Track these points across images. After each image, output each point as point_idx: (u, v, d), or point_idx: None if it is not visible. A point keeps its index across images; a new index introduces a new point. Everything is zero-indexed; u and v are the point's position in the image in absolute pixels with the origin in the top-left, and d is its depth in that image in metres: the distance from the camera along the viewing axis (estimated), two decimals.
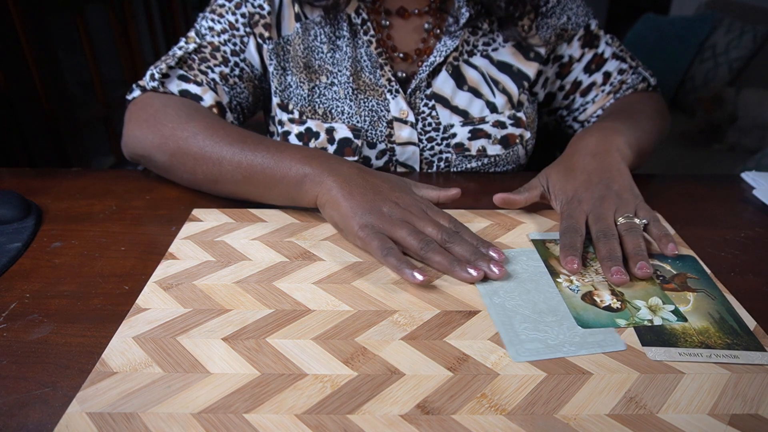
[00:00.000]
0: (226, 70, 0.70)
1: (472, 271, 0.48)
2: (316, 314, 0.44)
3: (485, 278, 0.49)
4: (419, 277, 0.46)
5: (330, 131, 0.71)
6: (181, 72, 0.68)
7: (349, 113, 0.72)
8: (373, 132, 0.72)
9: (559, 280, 0.49)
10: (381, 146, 0.73)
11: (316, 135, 0.71)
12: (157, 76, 0.66)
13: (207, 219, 0.59)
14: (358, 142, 0.71)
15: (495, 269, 0.48)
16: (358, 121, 0.72)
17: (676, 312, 0.45)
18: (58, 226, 0.58)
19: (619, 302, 0.46)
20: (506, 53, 0.73)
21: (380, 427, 0.34)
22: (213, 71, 0.69)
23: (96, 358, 0.39)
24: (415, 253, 0.50)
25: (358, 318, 0.44)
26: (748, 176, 0.72)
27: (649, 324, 0.43)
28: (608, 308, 0.45)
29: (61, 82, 1.72)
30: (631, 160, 0.61)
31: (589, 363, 0.39)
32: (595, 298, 0.47)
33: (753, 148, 1.88)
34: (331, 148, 0.71)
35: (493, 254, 0.51)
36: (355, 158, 0.71)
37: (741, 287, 0.49)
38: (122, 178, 0.70)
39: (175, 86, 0.67)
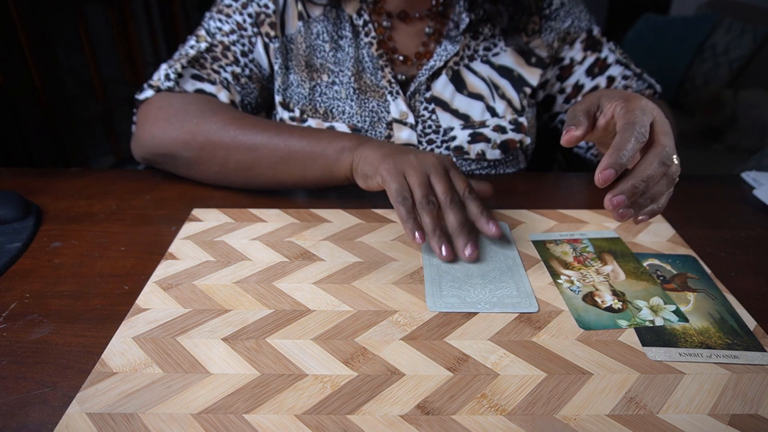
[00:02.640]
0: (238, 70, 0.71)
1: (443, 249, 0.50)
2: (316, 314, 0.44)
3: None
4: (419, 237, 0.49)
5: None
6: (195, 71, 0.68)
7: (349, 113, 0.72)
8: (373, 132, 0.72)
9: (559, 281, 0.49)
10: None
11: None
12: (172, 76, 0.67)
13: (207, 219, 0.59)
14: None
15: (467, 251, 0.51)
16: (358, 121, 0.72)
17: (677, 312, 0.45)
18: (58, 226, 0.58)
19: (621, 303, 0.46)
20: (507, 58, 0.73)
21: (380, 427, 0.34)
22: (225, 70, 0.70)
23: (96, 358, 0.39)
24: (416, 202, 0.51)
25: (358, 318, 0.44)
26: (748, 176, 0.72)
27: (651, 324, 0.43)
28: (609, 309, 0.45)
29: (61, 82, 1.72)
30: None
31: (589, 363, 0.39)
32: (596, 299, 0.47)
33: (753, 148, 1.88)
34: None
35: (491, 228, 0.52)
36: None
37: (741, 287, 0.49)
38: (122, 178, 0.70)
39: (190, 86, 0.68)
